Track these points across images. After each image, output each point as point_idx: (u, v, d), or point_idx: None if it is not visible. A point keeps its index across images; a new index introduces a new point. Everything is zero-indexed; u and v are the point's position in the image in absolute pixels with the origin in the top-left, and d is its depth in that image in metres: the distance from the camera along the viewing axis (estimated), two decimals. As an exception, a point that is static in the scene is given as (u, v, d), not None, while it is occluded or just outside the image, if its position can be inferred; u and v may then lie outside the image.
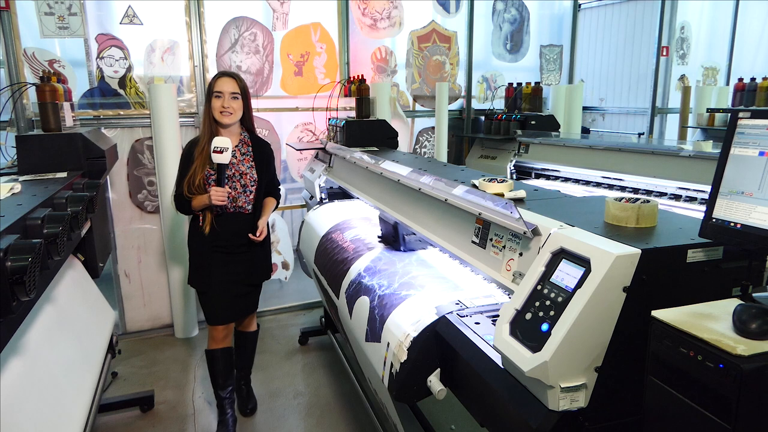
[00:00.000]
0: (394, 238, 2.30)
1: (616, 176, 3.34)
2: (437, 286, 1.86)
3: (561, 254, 1.22)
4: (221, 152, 2.36)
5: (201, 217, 2.51)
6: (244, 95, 2.49)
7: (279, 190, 2.75)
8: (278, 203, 2.75)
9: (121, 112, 3.66)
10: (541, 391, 1.13)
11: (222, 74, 2.49)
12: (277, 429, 2.76)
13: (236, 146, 2.54)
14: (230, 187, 2.47)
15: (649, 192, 3.12)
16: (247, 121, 2.57)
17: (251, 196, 2.54)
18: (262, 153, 2.60)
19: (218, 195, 2.37)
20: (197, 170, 2.44)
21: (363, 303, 2.01)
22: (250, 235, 2.51)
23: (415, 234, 2.16)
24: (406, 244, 2.29)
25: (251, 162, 2.55)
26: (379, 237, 2.45)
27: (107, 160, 2.63)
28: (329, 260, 2.55)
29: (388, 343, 1.71)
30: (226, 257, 2.54)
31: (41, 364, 1.72)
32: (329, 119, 3.84)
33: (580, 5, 5.19)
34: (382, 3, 4.28)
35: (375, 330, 1.84)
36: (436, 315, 1.63)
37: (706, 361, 0.93)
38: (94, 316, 2.43)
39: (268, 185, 2.64)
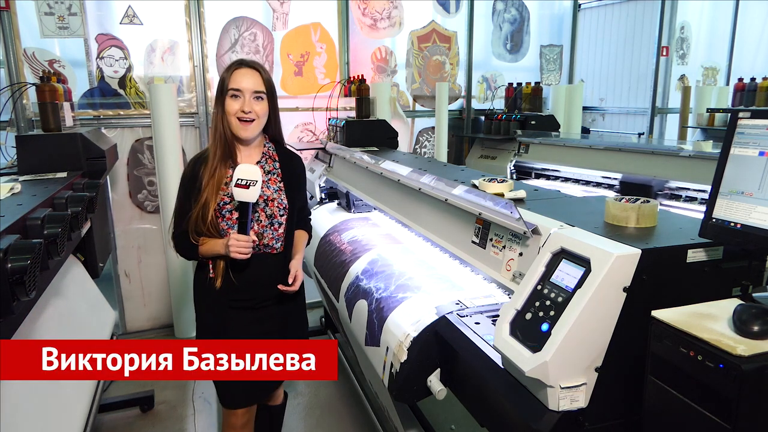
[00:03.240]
0: (347, 203, 3.06)
1: (616, 176, 3.34)
2: (435, 287, 1.86)
3: (561, 254, 1.22)
4: (248, 187, 1.67)
5: (210, 265, 1.81)
6: (271, 94, 1.80)
7: (310, 220, 2.08)
8: (311, 238, 2.07)
9: (121, 112, 3.66)
10: (541, 391, 1.13)
11: (241, 63, 1.77)
12: (277, 429, 2.76)
13: (258, 162, 1.84)
14: (251, 219, 1.78)
15: (649, 192, 3.12)
16: (272, 128, 1.88)
17: (281, 230, 1.84)
18: (292, 171, 1.92)
19: (240, 246, 1.69)
20: (208, 202, 1.74)
21: (361, 307, 2.01)
22: (281, 286, 1.79)
23: (362, 200, 2.90)
24: (356, 207, 3.03)
25: (279, 183, 1.86)
26: (337, 202, 3.22)
27: (107, 160, 2.63)
28: (328, 262, 2.55)
29: (387, 347, 1.71)
30: (248, 315, 1.83)
31: (41, 364, 1.72)
32: (329, 119, 3.84)
33: (580, 5, 5.19)
34: (382, 3, 4.28)
35: (374, 334, 1.84)
36: (436, 315, 1.63)
37: (706, 361, 0.93)
38: (94, 316, 2.43)
39: (298, 215, 1.95)
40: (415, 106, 4.61)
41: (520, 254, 1.42)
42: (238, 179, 1.67)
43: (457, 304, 1.66)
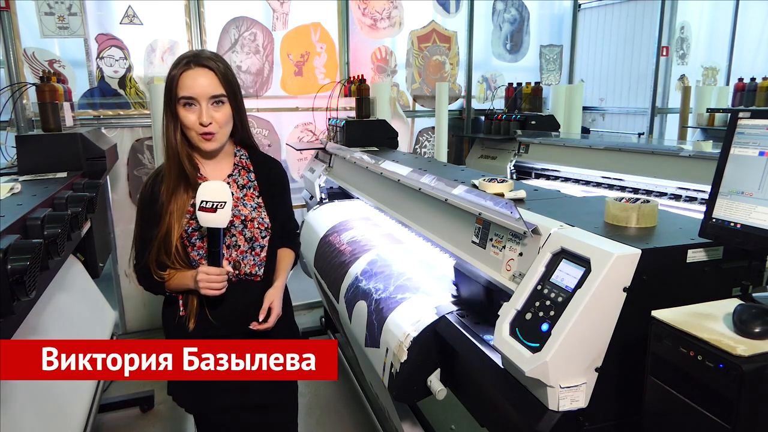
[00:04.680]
0: (485, 305, 1.58)
1: (616, 176, 3.34)
2: (434, 287, 1.86)
3: (561, 254, 1.22)
4: (214, 210, 1.38)
5: (181, 301, 1.52)
6: (232, 93, 1.46)
7: (298, 236, 1.78)
8: (297, 257, 1.76)
9: (121, 112, 3.65)
10: (541, 391, 1.13)
11: (190, 61, 1.42)
12: (277, 429, 2.76)
13: (230, 175, 1.56)
14: (228, 245, 1.50)
15: (649, 192, 3.12)
16: (239, 132, 1.56)
17: (263, 254, 1.55)
18: (271, 180, 1.62)
19: (211, 282, 1.41)
20: (171, 230, 1.45)
21: (361, 308, 2.01)
22: (253, 325, 1.51)
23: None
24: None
25: (257, 198, 1.57)
26: (454, 297, 1.72)
27: (107, 160, 2.63)
28: (327, 263, 2.55)
29: (387, 349, 1.71)
30: None
31: (41, 364, 1.72)
32: (329, 119, 3.84)
33: (580, 5, 5.19)
34: (382, 3, 4.28)
35: (374, 335, 1.84)
36: (436, 315, 1.63)
37: (706, 361, 0.93)
38: (94, 316, 2.43)
39: (282, 230, 1.65)
40: (415, 106, 4.61)
41: (520, 254, 1.42)
42: (202, 201, 1.38)
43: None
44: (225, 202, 1.39)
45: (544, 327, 1.12)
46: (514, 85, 4.64)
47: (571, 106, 4.67)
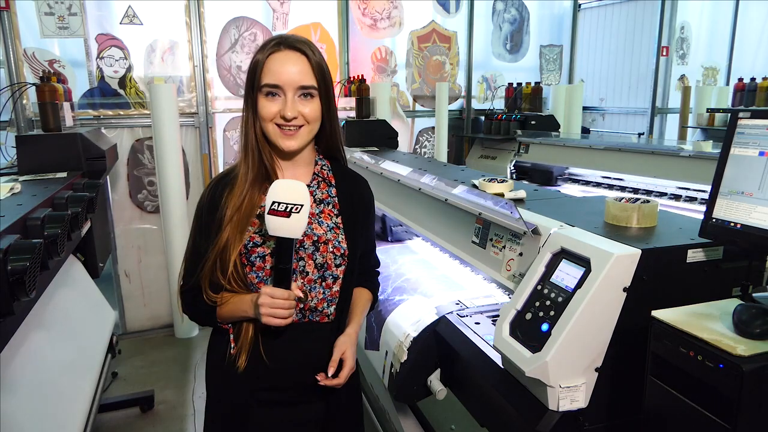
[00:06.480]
0: (381, 229, 2.46)
1: (616, 176, 3.35)
2: (434, 287, 1.86)
3: (561, 254, 1.22)
4: (288, 214, 1.11)
5: (232, 336, 1.23)
6: (324, 87, 1.22)
7: (378, 272, 1.50)
8: (375, 299, 1.45)
9: (121, 112, 3.66)
10: (541, 391, 1.13)
11: (279, 42, 1.21)
12: (277, 429, 2.76)
13: (308, 187, 1.24)
14: (293, 270, 1.19)
15: (649, 192, 3.12)
16: (326, 136, 1.30)
17: (335, 288, 1.26)
18: (355, 199, 1.34)
19: (276, 306, 1.12)
20: (230, 245, 1.17)
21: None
22: (320, 378, 1.18)
23: (401, 225, 2.21)
24: (393, 234, 2.52)
25: (336, 218, 1.29)
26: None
27: (107, 160, 2.63)
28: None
29: (387, 351, 1.71)
30: (279, 413, 1.26)
31: (41, 364, 1.72)
32: (329, 119, 3.83)
33: (580, 5, 5.19)
34: (382, 3, 4.28)
35: (373, 338, 1.84)
36: (436, 315, 1.63)
37: (706, 361, 0.93)
38: (94, 316, 2.43)
39: (362, 264, 1.37)
40: (415, 106, 4.61)
41: (520, 254, 1.42)
42: (273, 203, 1.11)
43: (457, 304, 1.67)
44: (302, 206, 1.11)
45: (544, 327, 1.12)
46: (514, 85, 4.64)
47: (571, 106, 4.67)
